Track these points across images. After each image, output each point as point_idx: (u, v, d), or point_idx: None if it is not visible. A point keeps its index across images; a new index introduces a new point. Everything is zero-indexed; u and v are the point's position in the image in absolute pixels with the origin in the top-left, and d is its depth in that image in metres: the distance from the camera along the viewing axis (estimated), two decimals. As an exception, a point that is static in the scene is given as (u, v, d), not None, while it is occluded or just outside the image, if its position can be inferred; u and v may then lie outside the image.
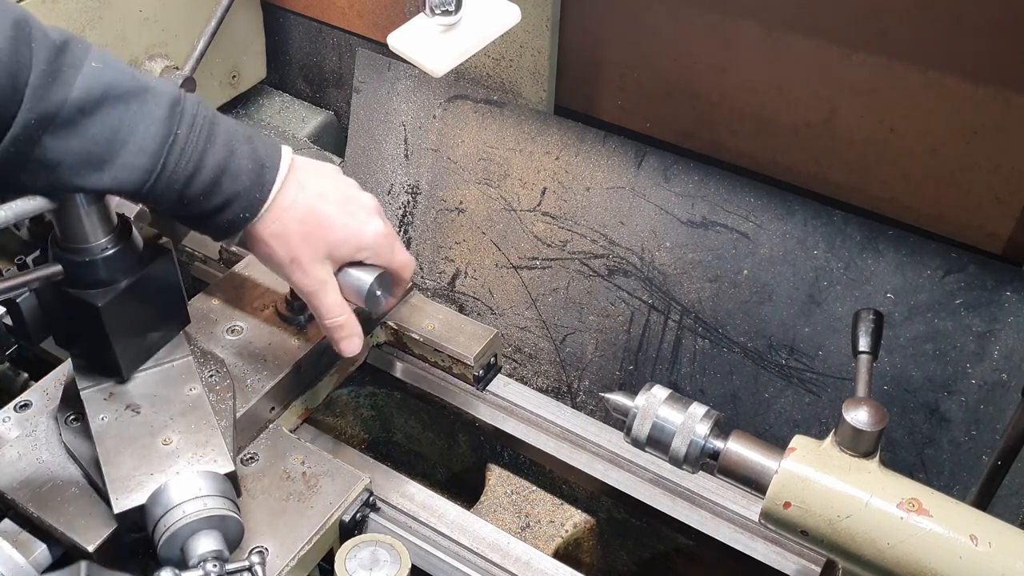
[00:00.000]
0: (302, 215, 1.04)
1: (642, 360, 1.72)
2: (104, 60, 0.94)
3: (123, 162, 0.94)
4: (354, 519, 1.11)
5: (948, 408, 1.48)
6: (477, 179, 1.83)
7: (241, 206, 1.01)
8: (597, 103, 1.76)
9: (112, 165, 0.94)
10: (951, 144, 1.42)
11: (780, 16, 1.45)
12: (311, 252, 1.05)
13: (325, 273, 1.07)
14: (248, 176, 1.00)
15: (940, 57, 1.36)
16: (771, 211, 1.57)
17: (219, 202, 0.99)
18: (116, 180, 0.94)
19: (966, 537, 0.83)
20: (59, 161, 0.92)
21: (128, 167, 0.94)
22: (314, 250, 1.05)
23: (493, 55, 1.77)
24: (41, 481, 1.08)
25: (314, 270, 1.06)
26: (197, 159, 0.97)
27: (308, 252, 1.05)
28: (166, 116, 0.95)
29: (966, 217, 1.46)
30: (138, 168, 0.94)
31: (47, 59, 0.90)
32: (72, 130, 0.92)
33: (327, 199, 1.06)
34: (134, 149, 0.94)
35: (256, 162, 1.01)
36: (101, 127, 0.93)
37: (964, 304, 1.44)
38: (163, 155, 0.95)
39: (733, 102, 1.58)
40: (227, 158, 0.99)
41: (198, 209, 1.00)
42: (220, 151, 0.98)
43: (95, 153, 0.93)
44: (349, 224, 1.06)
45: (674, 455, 0.98)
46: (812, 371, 1.57)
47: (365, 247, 1.08)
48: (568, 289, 1.76)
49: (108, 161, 0.94)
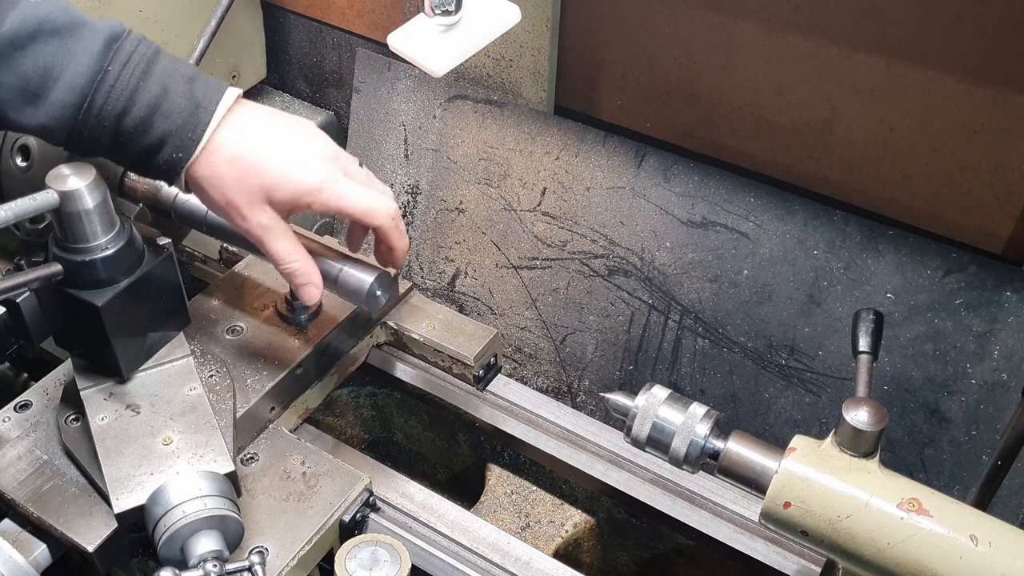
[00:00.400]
0: (233, 157, 1.00)
1: (642, 360, 1.72)
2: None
3: (54, 98, 0.94)
4: (354, 519, 1.11)
5: (948, 408, 1.48)
6: (477, 179, 1.83)
7: (174, 145, 0.98)
8: (597, 103, 1.75)
9: (45, 101, 0.94)
10: (951, 144, 1.42)
11: (780, 16, 1.45)
12: (246, 196, 1.01)
13: (268, 218, 1.03)
14: (181, 115, 0.98)
15: (940, 57, 1.36)
16: (771, 211, 1.57)
17: (152, 140, 0.98)
18: (49, 116, 0.95)
19: (966, 537, 0.83)
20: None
21: (59, 103, 0.94)
22: (249, 194, 1.01)
23: (493, 55, 1.77)
24: (41, 481, 1.08)
25: (253, 215, 1.02)
26: (128, 96, 0.95)
27: (243, 196, 1.01)
28: (99, 51, 0.95)
29: (966, 217, 1.46)
30: (68, 105, 0.94)
31: None
32: (5, 64, 0.92)
33: (264, 142, 1.02)
34: (64, 85, 0.94)
35: (192, 101, 0.98)
36: (34, 62, 0.93)
37: (964, 304, 1.44)
38: (91, 91, 0.94)
39: (733, 102, 1.58)
40: (160, 96, 0.96)
41: (133, 149, 0.98)
42: (154, 88, 0.96)
43: (28, 89, 0.94)
44: (286, 168, 1.01)
45: (674, 455, 0.98)
46: (812, 371, 1.57)
47: (304, 192, 1.02)
48: (568, 289, 1.76)
49: (41, 96, 0.94)
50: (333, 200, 1.03)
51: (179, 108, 0.97)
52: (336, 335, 1.30)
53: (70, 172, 1.00)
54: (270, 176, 1.01)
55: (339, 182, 1.03)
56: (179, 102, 0.97)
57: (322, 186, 1.02)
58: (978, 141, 1.39)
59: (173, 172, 1.00)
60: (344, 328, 1.31)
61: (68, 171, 1.00)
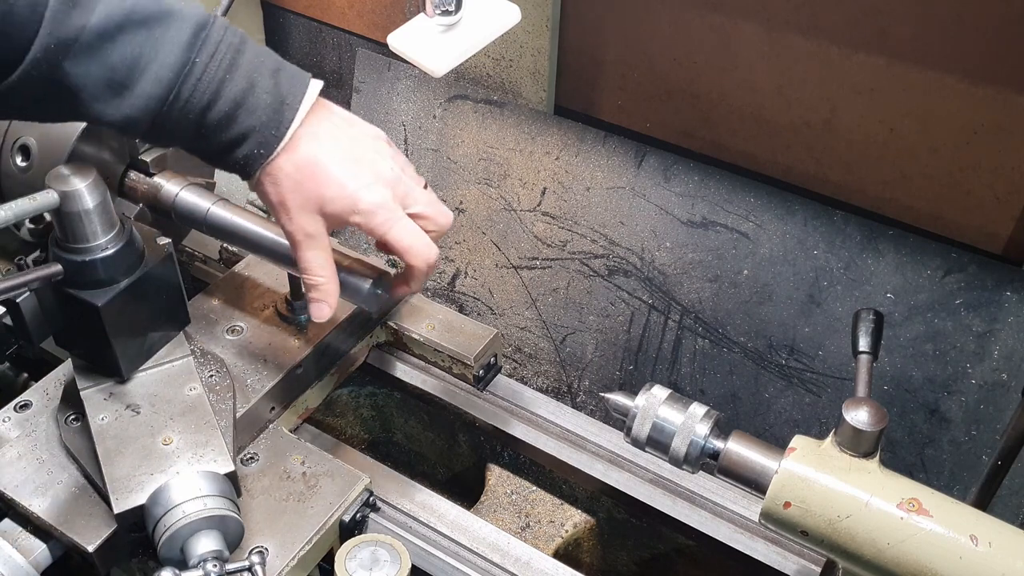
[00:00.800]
0: (301, 161, 1.00)
1: (642, 360, 1.72)
2: None
3: (140, 90, 0.92)
4: (354, 519, 1.11)
5: (948, 408, 1.48)
6: (477, 179, 1.83)
7: (256, 141, 0.97)
8: (597, 103, 1.75)
9: (131, 93, 0.92)
10: (951, 144, 1.42)
11: (780, 16, 1.45)
12: (300, 200, 1.01)
13: (313, 226, 1.03)
14: (265, 112, 0.96)
15: (940, 57, 1.36)
16: (771, 211, 1.57)
17: (234, 135, 0.96)
18: (134, 108, 0.92)
19: (966, 537, 0.83)
20: (80, 87, 0.91)
21: (144, 95, 0.92)
22: (304, 199, 1.01)
23: (493, 55, 1.77)
24: (41, 481, 1.08)
25: (301, 219, 1.02)
26: (214, 89, 0.94)
27: (298, 199, 1.01)
28: (187, 42, 0.92)
29: (966, 217, 1.46)
30: (154, 97, 0.92)
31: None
32: (92, 56, 0.90)
33: (333, 153, 1.01)
34: (151, 77, 0.91)
35: (277, 98, 0.97)
36: (121, 53, 0.90)
37: (964, 304, 1.44)
38: (177, 83, 0.92)
39: (733, 102, 1.58)
40: (246, 90, 0.95)
41: (215, 142, 0.97)
42: (240, 82, 0.95)
43: (115, 80, 0.91)
44: (347, 184, 1.00)
45: (674, 455, 0.98)
46: (812, 371, 1.57)
47: (358, 211, 1.01)
48: (568, 289, 1.76)
49: (128, 88, 0.92)
50: (381, 229, 1.03)
51: (264, 104, 0.96)
52: (336, 335, 1.30)
53: (70, 172, 1.00)
54: (329, 188, 1.00)
55: (393, 212, 1.03)
56: (264, 98, 0.96)
57: (375, 211, 1.02)
58: (978, 141, 1.39)
59: (251, 168, 0.99)
60: (344, 328, 1.31)
61: (68, 171, 1.00)
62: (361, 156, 1.03)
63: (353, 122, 1.06)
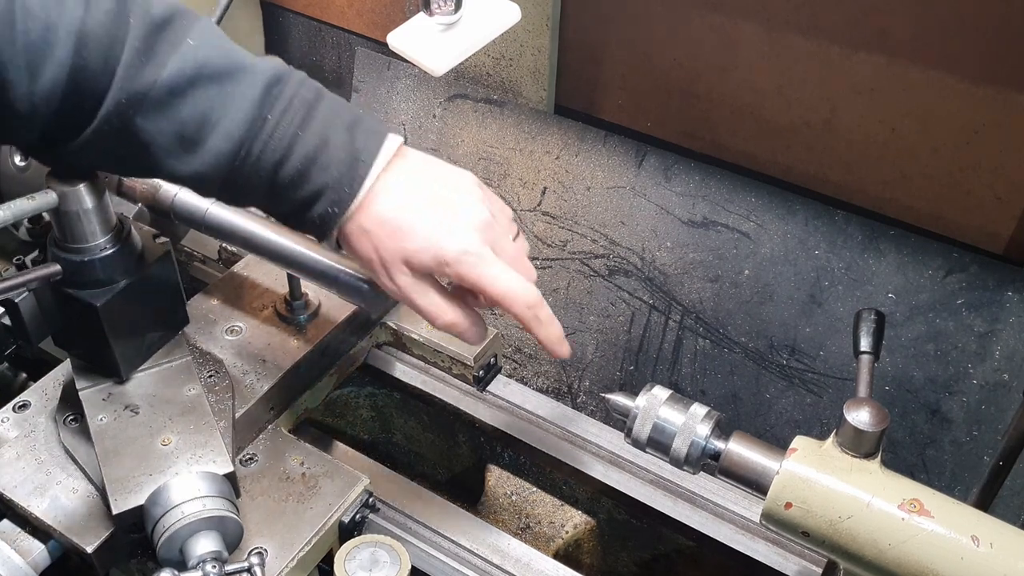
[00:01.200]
0: (381, 216, 0.95)
1: (643, 360, 1.72)
2: (203, 35, 0.91)
3: (211, 146, 0.90)
4: (353, 520, 1.11)
5: (949, 408, 1.48)
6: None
7: (330, 199, 0.93)
8: (597, 102, 1.75)
9: (201, 148, 0.90)
10: (952, 144, 1.42)
11: (780, 16, 1.45)
12: (388, 257, 0.96)
13: (408, 280, 0.98)
14: (339, 167, 0.93)
15: (941, 56, 1.36)
16: (772, 211, 1.57)
17: (307, 193, 0.93)
18: (204, 164, 0.91)
19: (968, 538, 0.83)
20: (151, 142, 0.90)
21: (215, 151, 0.90)
22: (391, 255, 0.96)
23: (493, 54, 1.77)
24: (40, 481, 1.08)
25: (396, 275, 0.97)
26: (286, 146, 0.91)
27: (385, 257, 0.96)
28: (259, 98, 0.90)
29: (967, 217, 1.46)
30: (224, 153, 0.90)
31: (143, 36, 0.87)
32: (163, 111, 0.88)
33: (414, 204, 0.96)
34: (222, 133, 0.90)
35: (351, 153, 0.93)
36: (192, 109, 0.89)
37: (965, 304, 1.44)
38: (248, 140, 0.90)
39: (734, 102, 1.58)
40: (319, 147, 0.92)
41: (288, 200, 0.94)
42: (312, 138, 0.92)
43: (186, 136, 0.90)
44: (430, 235, 0.95)
45: (675, 456, 0.98)
46: (813, 371, 1.57)
47: (445, 261, 0.95)
48: (568, 289, 1.76)
49: (198, 144, 0.90)
50: (472, 275, 0.96)
51: (337, 160, 0.93)
52: (335, 335, 1.30)
53: (69, 172, 1.00)
54: (412, 241, 0.95)
55: (482, 256, 0.96)
56: (338, 154, 0.93)
57: (461, 258, 0.96)
58: (979, 141, 1.39)
59: (327, 227, 0.95)
60: (343, 328, 1.30)
61: (67, 171, 1.00)
62: (444, 201, 0.98)
63: (436, 166, 1.01)
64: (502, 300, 0.97)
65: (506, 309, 0.98)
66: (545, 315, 1.01)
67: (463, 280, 0.97)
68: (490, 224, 0.99)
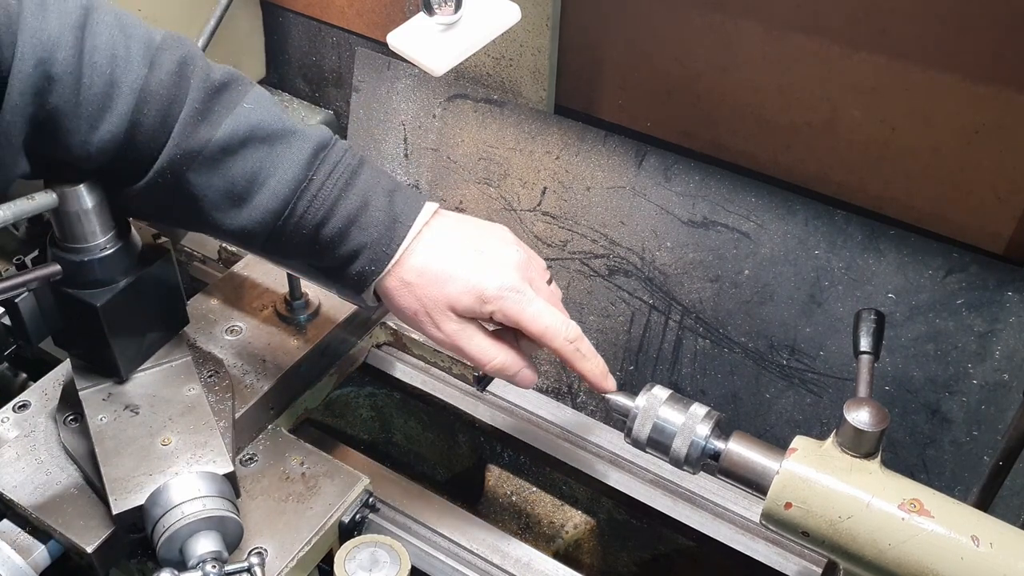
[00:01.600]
0: (420, 269, 1.00)
1: (643, 360, 1.71)
2: (258, 100, 0.96)
3: (258, 202, 0.96)
4: (353, 520, 1.11)
5: (949, 408, 1.47)
6: (477, 179, 1.83)
7: (368, 258, 0.99)
8: (597, 102, 1.75)
9: (248, 205, 0.96)
10: (953, 143, 1.41)
11: (781, 15, 1.45)
12: (430, 306, 1.00)
13: (454, 325, 1.01)
14: (378, 228, 0.98)
15: (942, 56, 1.36)
16: (772, 211, 1.57)
17: (347, 251, 0.98)
18: (251, 220, 0.96)
19: (968, 538, 0.83)
20: (201, 196, 0.95)
21: (261, 208, 0.96)
22: (433, 304, 1.00)
23: (493, 54, 1.77)
24: (40, 481, 1.08)
25: (442, 324, 1.01)
26: (329, 206, 0.96)
27: (428, 306, 1.01)
28: (306, 160, 0.96)
29: (968, 217, 1.46)
30: (270, 211, 0.96)
31: (202, 99, 0.93)
32: (214, 168, 0.94)
33: (452, 254, 1.01)
34: (269, 191, 0.95)
35: (390, 216, 0.99)
36: (242, 167, 0.94)
37: (966, 304, 1.44)
38: (294, 199, 0.96)
39: (734, 102, 1.58)
40: (360, 208, 0.97)
41: (329, 257, 0.99)
42: (354, 200, 0.97)
43: (234, 192, 0.95)
44: (469, 278, 0.99)
45: (675, 456, 0.98)
46: (813, 371, 1.56)
47: (486, 300, 0.99)
48: (568, 289, 1.76)
49: (246, 200, 0.96)
50: (514, 311, 1.00)
51: (376, 221, 0.98)
52: (335, 335, 1.30)
53: (68, 172, 1.00)
54: (453, 286, 0.99)
55: (522, 292, 1.00)
56: (377, 215, 0.98)
57: (502, 294, 0.99)
58: (980, 141, 1.39)
59: (364, 283, 1.00)
60: (343, 328, 1.30)
61: (66, 171, 1.00)
62: (482, 245, 1.02)
63: (471, 220, 1.06)
64: (543, 335, 1.01)
65: (547, 344, 1.02)
66: (587, 349, 1.05)
67: (505, 316, 1.00)
68: (527, 263, 1.03)
